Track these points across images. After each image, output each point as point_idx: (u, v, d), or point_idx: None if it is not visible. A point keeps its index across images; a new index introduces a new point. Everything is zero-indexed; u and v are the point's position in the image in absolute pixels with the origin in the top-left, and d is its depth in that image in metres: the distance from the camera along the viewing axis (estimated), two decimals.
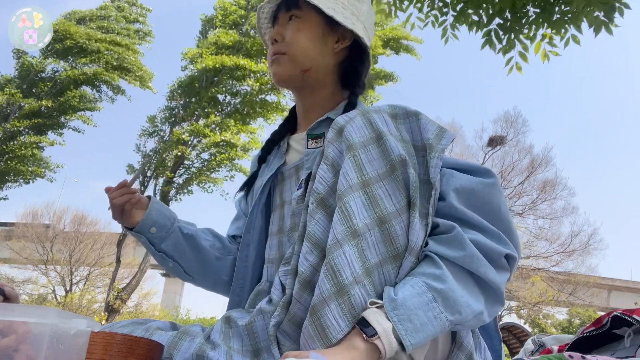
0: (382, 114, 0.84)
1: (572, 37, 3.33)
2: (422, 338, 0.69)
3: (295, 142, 1.15)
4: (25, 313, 0.52)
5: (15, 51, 13.64)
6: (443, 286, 0.72)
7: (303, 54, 1.07)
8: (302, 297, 0.77)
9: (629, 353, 1.14)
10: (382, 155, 0.79)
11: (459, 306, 0.72)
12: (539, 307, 16.80)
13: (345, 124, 0.82)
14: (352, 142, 0.79)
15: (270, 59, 1.10)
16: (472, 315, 0.73)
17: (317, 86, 1.12)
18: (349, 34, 1.09)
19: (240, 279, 1.11)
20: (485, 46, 3.53)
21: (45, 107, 13.34)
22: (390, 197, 0.76)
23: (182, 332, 0.89)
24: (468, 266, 0.75)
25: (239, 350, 0.86)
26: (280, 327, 0.80)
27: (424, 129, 0.83)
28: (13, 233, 18.05)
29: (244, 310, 0.96)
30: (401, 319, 0.69)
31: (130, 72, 14.22)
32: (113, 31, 14.55)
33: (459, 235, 0.76)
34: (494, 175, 0.84)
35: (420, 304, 0.70)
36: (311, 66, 1.08)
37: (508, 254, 0.78)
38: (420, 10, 3.63)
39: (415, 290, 0.72)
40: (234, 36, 13.26)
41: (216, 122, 12.87)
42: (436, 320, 0.70)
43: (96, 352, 0.69)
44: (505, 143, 16.40)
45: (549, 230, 16.00)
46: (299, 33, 1.08)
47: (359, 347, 0.69)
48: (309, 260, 0.77)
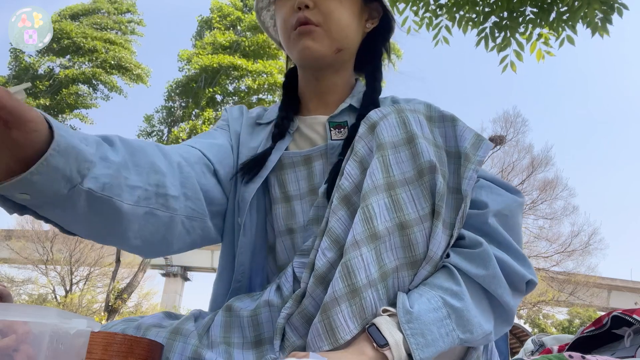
0: (417, 114, 0.80)
1: (567, 38, 3.34)
2: (431, 353, 0.68)
3: (305, 126, 1.03)
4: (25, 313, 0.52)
5: (12, 50, 13.62)
6: (460, 304, 0.71)
7: (342, 31, 0.95)
8: (315, 292, 0.76)
9: (629, 353, 1.14)
10: (412, 159, 0.76)
11: (471, 326, 0.71)
12: (539, 307, 16.80)
13: (378, 121, 0.79)
14: (382, 141, 0.76)
15: (299, 30, 0.93)
16: (482, 335, 0.73)
17: (340, 67, 1.02)
18: (377, 13, 1.03)
19: (241, 265, 0.97)
20: (480, 44, 3.54)
21: (42, 106, 13.30)
22: (414, 202, 0.74)
23: (174, 332, 0.85)
24: (487, 286, 0.74)
25: (239, 344, 0.84)
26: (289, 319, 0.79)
27: (461, 136, 0.80)
28: (13, 233, 18.04)
29: (247, 297, 0.92)
30: (414, 333, 0.68)
31: (128, 71, 14.16)
32: (106, 26, 14.44)
33: (484, 254, 0.75)
34: (523, 196, 0.84)
35: (434, 319, 0.70)
36: (345, 46, 0.98)
37: (530, 279, 0.77)
38: (416, 13, 3.63)
39: (432, 304, 0.71)
40: (231, 36, 13.26)
41: (212, 120, 12.85)
42: (447, 337, 0.70)
43: (96, 352, 0.69)
44: (505, 143, 16.37)
45: (549, 230, 16.00)
46: (341, 6, 0.94)
47: (368, 355, 0.68)
48: (327, 257, 0.75)
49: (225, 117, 1.11)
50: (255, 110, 1.13)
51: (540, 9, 3.32)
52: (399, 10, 3.66)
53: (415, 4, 3.60)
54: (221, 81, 13.09)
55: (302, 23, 0.93)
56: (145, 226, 0.78)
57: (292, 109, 1.05)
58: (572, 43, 3.33)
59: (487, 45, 3.52)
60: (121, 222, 0.73)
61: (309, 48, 0.94)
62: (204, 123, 12.78)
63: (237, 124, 1.08)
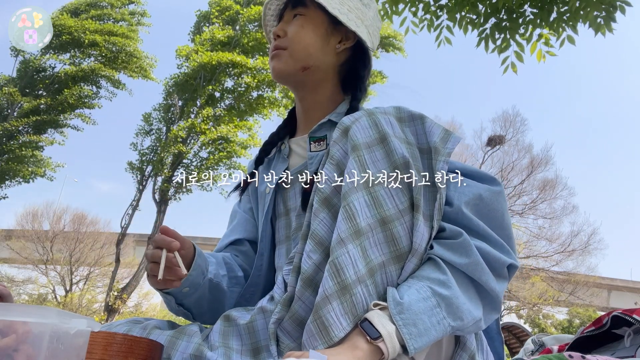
0: (387, 116, 0.85)
1: (568, 38, 3.34)
2: (424, 342, 0.70)
3: (296, 145, 1.13)
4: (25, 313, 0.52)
5: (13, 49, 13.60)
6: (448, 292, 0.73)
7: (304, 50, 1.06)
8: (304, 295, 0.78)
9: (629, 353, 1.14)
10: (386, 157, 0.80)
11: (461, 313, 0.73)
12: (539, 307, 16.80)
13: (350, 124, 0.83)
14: (356, 143, 0.80)
15: (271, 53, 1.10)
16: (473, 322, 0.75)
17: (317, 86, 1.11)
18: (352, 35, 1.09)
19: (252, 286, 1.09)
20: (480, 45, 3.54)
21: (44, 105, 13.29)
22: (393, 198, 0.77)
23: (179, 332, 0.89)
24: (471, 274, 0.77)
25: (237, 349, 0.86)
26: (281, 324, 0.80)
27: (430, 132, 0.84)
28: (13, 233, 18.04)
29: (243, 309, 0.96)
30: (406, 323, 0.70)
31: (129, 64, 13.98)
32: (108, 18, 14.26)
33: (466, 243, 0.77)
34: (499, 183, 0.87)
35: (425, 308, 0.71)
36: (312, 64, 1.07)
37: (511, 263, 0.80)
38: (415, 14, 3.63)
39: (421, 295, 0.73)
40: (229, 32, 13.23)
41: (212, 118, 12.83)
42: (439, 326, 0.71)
43: (96, 352, 0.69)
44: (505, 142, 16.38)
45: (549, 230, 16.00)
46: (302, 30, 1.07)
47: (362, 348, 0.69)
48: (312, 259, 0.77)
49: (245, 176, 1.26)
50: None
51: (540, 9, 3.32)
52: (397, 12, 3.66)
53: (413, 4, 3.60)
54: (220, 78, 13.06)
55: (274, 49, 1.09)
56: (233, 298, 1.08)
57: (284, 132, 1.17)
58: (572, 43, 3.33)
59: (487, 46, 3.52)
60: (224, 299, 1.05)
61: (276, 68, 1.09)
62: (202, 121, 12.76)
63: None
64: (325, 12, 1.05)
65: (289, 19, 1.10)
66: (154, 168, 13.02)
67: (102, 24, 13.87)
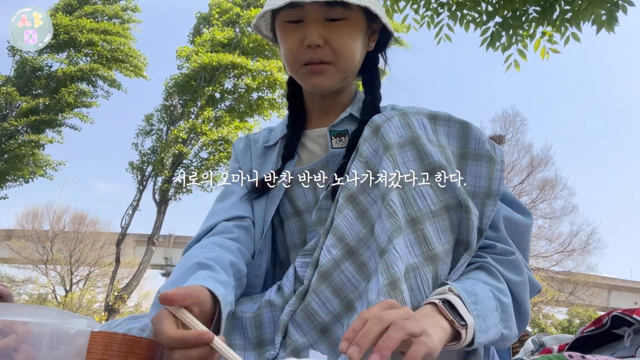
0: (420, 116, 0.83)
1: (572, 35, 3.33)
2: (485, 340, 0.69)
3: (308, 140, 1.04)
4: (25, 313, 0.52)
5: (10, 48, 13.56)
6: (506, 300, 0.74)
7: (352, 62, 0.96)
8: (319, 289, 0.77)
9: (629, 353, 1.14)
10: (418, 158, 0.79)
11: (511, 323, 0.74)
12: (539, 307, 16.79)
13: (382, 123, 0.81)
14: (389, 142, 0.79)
15: (310, 68, 0.94)
16: (513, 336, 0.76)
17: (346, 87, 1.04)
18: (377, 26, 1.02)
19: (251, 287, 0.99)
20: (485, 44, 3.54)
21: (42, 105, 13.26)
22: (424, 198, 0.76)
23: None
24: (517, 292, 0.78)
25: (240, 345, 0.86)
26: (293, 316, 0.80)
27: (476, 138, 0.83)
28: (13, 233, 18.03)
29: (248, 299, 0.93)
30: (479, 315, 0.69)
31: (124, 63, 13.92)
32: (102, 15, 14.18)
33: (518, 262, 0.79)
34: (532, 218, 0.90)
35: (490, 308, 0.71)
36: (353, 72, 1.00)
37: (540, 289, 0.84)
38: (417, 11, 3.63)
39: (486, 293, 0.73)
40: (230, 33, 13.21)
41: (212, 119, 12.82)
42: (496, 328, 0.71)
43: (96, 352, 0.69)
44: (505, 142, 16.37)
45: (549, 229, 15.99)
46: (351, 41, 0.94)
47: (446, 330, 0.66)
48: (332, 254, 0.77)
49: (235, 156, 1.13)
50: (262, 134, 1.14)
51: (543, 8, 3.31)
52: (399, 9, 3.65)
53: (415, 1, 3.60)
54: (220, 79, 13.06)
55: (314, 62, 0.93)
56: None
57: (298, 126, 1.05)
58: (577, 40, 3.31)
59: (492, 45, 3.52)
60: None
61: (320, 85, 0.96)
62: (203, 122, 12.75)
63: (246, 160, 1.10)
64: (365, 12, 0.95)
65: (319, 20, 0.93)
66: (154, 168, 13.02)
67: (98, 22, 13.82)
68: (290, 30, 0.95)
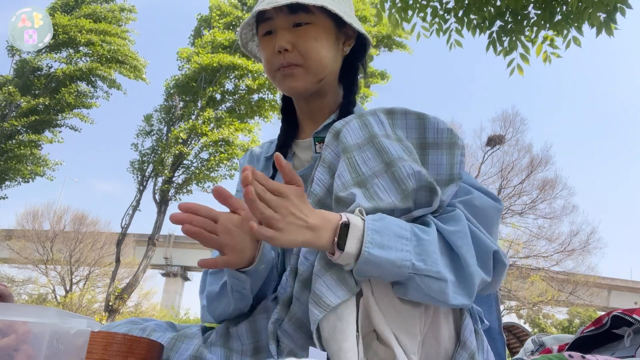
0: (377, 115, 0.85)
1: (574, 40, 3.33)
2: (380, 255, 0.69)
3: (299, 149, 1.09)
4: (25, 313, 0.52)
5: (10, 48, 13.55)
6: (425, 236, 0.74)
7: (321, 64, 1.00)
8: (302, 297, 0.78)
9: (629, 353, 1.14)
10: (377, 155, 0.80)
11: (427, 257, 0.72)
12: (539, 306, 16.79)
13: (341, 128, 0.84)
14: (347, 145, 0.81)
15: (282, 72, 1.00)
16: (434, 274, 0.72)
17: (326, 91, 1.07)
18: (352, 32, 1.06)
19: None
20: (489, 48, 3.55)
21: (42, 105, 13.24)
22: (386, 191, 0.78)
23: (180, 335, 0.89)
24: (453, 241, 0.76)
25: (238, 350, 0.87)
26: (281, 325, 0.81)
27: (434, 128, 0.84)
28: (13, 233, 18.04)
29: None
30: (376, 230, 0.71)
31: (124, 64, 13.92)
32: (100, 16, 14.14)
33: (457, 214, 0.79)
34: (501, 203, 0.87)
35: (397, 233, 0.72)
36: (327, 74, 1.03)
37: (496, 251, 0.78)
38: (424, 19, 3.64)
39: (401, 224, 0.74)
40: (230, 35, 13.22)
41: (212, 119, 12.83)
42: (400, 253, 0.71)
43: (96, 352, 0.69)
44: (504, 142, 16.37)
45: (549, 229, 15.99)
46: (316, 42, 0.99)
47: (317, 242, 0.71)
48: (309, 260, 0.78)
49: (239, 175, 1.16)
50: (263, 147, 1.19)
51: (543, 10, 3.31)
52: (407, 18, 3.65)
53: (422, 10, 3.60)
54: (221, 80, 13.06)
55: (284, 66, 0.99)
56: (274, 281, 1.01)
57: (289, 135, 1.11)
58: (578, 44, 3.31)
59: (495, 49, 3.53)
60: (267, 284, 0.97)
61: (294, 87, 1.01)
62: (204, 123, 12.76)
63: None
64: (331, 16, 0.99)
65: (287, 26, 0.99)
66: (154, 169, 13.02)
67: (97, 23, 13.82)
68: (266, 43, 1.03)
